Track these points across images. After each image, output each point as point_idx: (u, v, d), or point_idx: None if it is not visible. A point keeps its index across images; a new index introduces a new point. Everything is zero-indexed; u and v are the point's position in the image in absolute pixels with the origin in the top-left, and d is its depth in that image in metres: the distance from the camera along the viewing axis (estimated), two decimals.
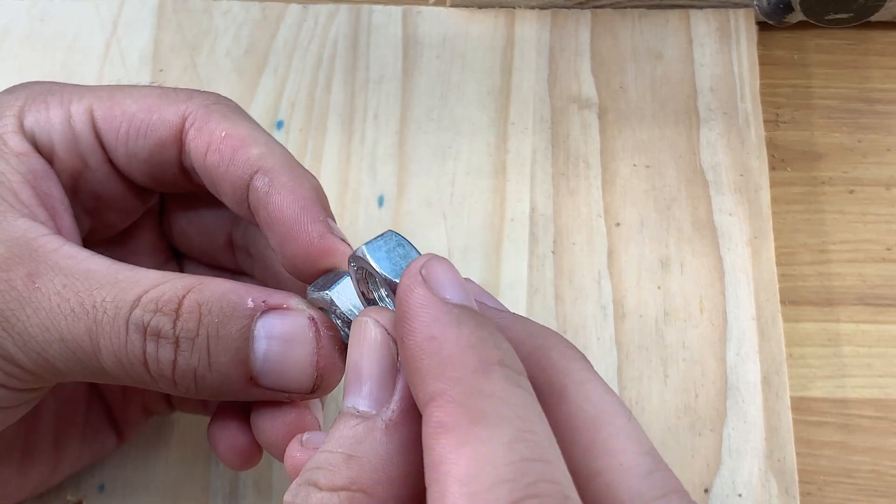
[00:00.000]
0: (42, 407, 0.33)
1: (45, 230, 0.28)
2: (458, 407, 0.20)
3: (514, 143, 0.44)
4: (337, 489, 0.22)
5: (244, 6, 0.47)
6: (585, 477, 0.22)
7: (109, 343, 0.26)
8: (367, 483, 0.23)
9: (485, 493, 0.19)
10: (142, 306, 0.27)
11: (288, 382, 0.27)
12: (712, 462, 0.38)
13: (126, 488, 0.37)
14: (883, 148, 0.45)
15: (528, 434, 0.20)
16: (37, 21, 0.47)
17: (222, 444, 0.31)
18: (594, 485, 0.22)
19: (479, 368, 0.21)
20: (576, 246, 0.42)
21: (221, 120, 0.30)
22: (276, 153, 0.30)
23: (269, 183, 0.29)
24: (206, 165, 0.29)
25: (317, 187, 0.30)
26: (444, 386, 0.21)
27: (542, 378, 0.24)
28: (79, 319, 0.26)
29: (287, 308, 0.28)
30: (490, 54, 0.46)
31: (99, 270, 0.27)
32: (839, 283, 0.43)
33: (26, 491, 0.33)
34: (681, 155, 0.44)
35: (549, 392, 0.23)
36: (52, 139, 0.30)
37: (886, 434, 0.40)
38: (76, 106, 0.30)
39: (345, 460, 0.23)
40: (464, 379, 0.21)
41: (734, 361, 0.40)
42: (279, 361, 0.27)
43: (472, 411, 0.20)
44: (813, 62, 0.48)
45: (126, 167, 0.31)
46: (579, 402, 0.23)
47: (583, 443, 0.23)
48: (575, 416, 0.23)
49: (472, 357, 0.21)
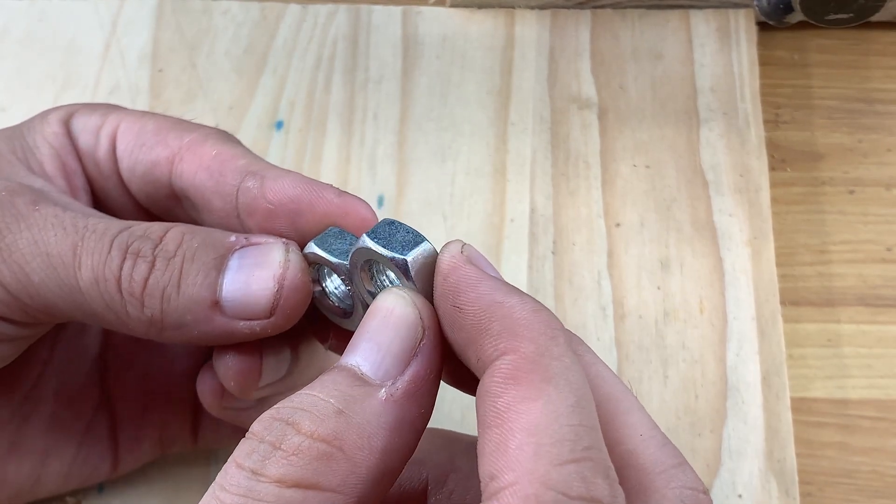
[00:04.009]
0: (40, 405, 0.33)
1: (60, 191, 0.31)
2: (530, 363, 0.22)
3: (514, 143, 0.44)
4: (318, 439, 0.22)
5: (243, 6, 0.47)
6: (610, 445, 0.23)
7: (90, 258, 0.27)
8: (348, 443, 0.22)
9: (549, 446, 0.21)
10: (129, 231, 0.28)
11: (249, 302, 0.27)
12: (712, 463, 0.38)
13: (126, 488, 0.37)
14: (883, 148, 0.45)
15: (585, 402, 0.22)
16: (36, 21, 0.47)
17: (206, 386, 0.31)
18: (618, 452, 0.24)
19: (546, 332, 0.22)
20: (576, 246, 0.42)
21: (215, 144, 0.31)
22: (262, 161, 0.31)
23: (260, 179, 0.29)
24: (196, 184, 0.30)
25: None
26: (517, 343, 0.22)
27: None
28: (67, 236, 0.28)
29: (266, 243, 0.28)
30: (490, 54, 0.46)
31: (98, 213, 0.29)
32: (839, 283, 0.43)
33: (1, 493, 0.33)
34: (681, 155, 0.44)
35: None
36: (79, 137, 0.32)
37: (887, 435, 0.40)
38: (112, 118, 0.32)
39: (335, 413, 0.23)
40: (536, 339, 0.22)
41: (734, 362, 0.40)
42: (245, 282, 0.27)
43: (543, 370, 0.22)
44: (813, 62, 0.48)
45: (128, 180, 0.32)
46: (596, 379, 0.25)
47: (603, 415, 0.24)
48: (594, 392, 0.24)
49: (540, 321, 0.23)
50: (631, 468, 0.24)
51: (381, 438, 0.23)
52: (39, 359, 0.33)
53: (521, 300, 0.23)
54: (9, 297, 0.28)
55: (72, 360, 0.34)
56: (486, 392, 0.22)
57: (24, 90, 0.45)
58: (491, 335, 0.23)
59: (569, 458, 0.21)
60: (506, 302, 0.23)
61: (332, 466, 0.22)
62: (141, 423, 0.35)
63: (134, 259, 0.27)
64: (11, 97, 0.45)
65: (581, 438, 0.21)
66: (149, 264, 0.27)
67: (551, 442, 0.21)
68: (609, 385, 0.25)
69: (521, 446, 0.21)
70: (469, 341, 0.23)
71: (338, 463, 0.22)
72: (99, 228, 0.28)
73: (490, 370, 0.22)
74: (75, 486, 0.35)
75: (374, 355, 0.24)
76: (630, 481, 0.24)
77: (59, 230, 0.28)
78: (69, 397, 0.34)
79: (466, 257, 0.24)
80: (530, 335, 0.22)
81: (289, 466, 0.22)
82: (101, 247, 0.27)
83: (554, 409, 0.21)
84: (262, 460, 0.22)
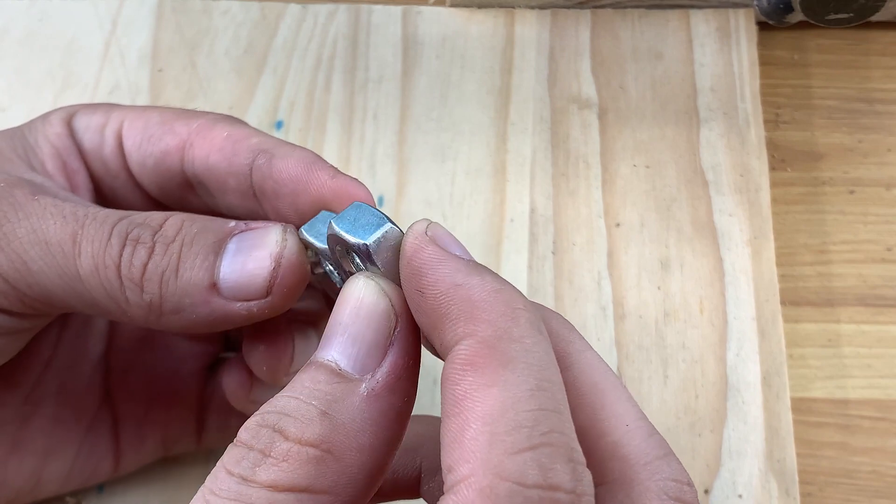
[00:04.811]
0: (42, 405, 0.33)
1: (61, 187, 0.31)
2: (487, 348, 0.21)
3: (514, 143, 0.44)
4: (306, 444, 0.22)
5: (243, 6, 0.47)
6: (594, 436, 0.23)
7: (90, 246, 0.27)
8: (337, 445, 0.22)
9: (504, 434, 0.20)
10: (129, 219, 0.28)
11: (246, 282, 0.27)
12: (712, 463, 0.38)
13: (126, 489, 0.37)
14: (883, 148, 0.45)
15: (547, 384, 0.21)
16: (35, 21, 0.47)
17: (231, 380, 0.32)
18: (603, 443, 0.24)
19: (506, 313, 0.22)
20: (576, 246, 0.42)
21: (225, 126, 0.31)
22: (274, 139, 0.31)
23: (270, 156, 0.29)
24: (210, 165, 0.30)
25: (316, 154, 0.31)
26: (474, 328, 0.22)
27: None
28: (67, 224, 0.27)
29: (265, 227, 0.28)
30: (490, 54, 0.46)
31: (97, 205, 0.29)
32: (839, 283, 0.43)
33: (1, 494, 0.33)
34: (681, 155, 0.44)
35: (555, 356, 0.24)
36: (83, 137, 0.32)
37: (887, 435, 0.40)
38: (115, 115, 0.32)
39: (319, 416, 0.22)
40: (494, 322, 0.22)
41: (734, 362, 0.40)
42: (242, 262, 0.27)
43: (500, 354, 0.21)
44: (813, 62, 0.48)
45: (138, 175, 0.32)
46: (584, 367, 0.25)
47: (590, 405, 0.24)
48: (580, 380, 0.24)
49: (500, 302, 0.22)
50: (616, 459, 0.23)
51: (368, 435, 0.23)
52: (41, 359, 0.33)
53: (481, 280, 0.22)
54: (7, 286, 0.28)
55: (74, 360, 0.34)
56: (445, 379, 0.22)
57: (24, 90, 0.45)
58: (450, 319, 0.22)
59: (525, 445, 0.20)
60: (465, 283, 0.22)
61: (322, 469, 0.22)
62: (143, 423, 0.35)
63: (134, 245, 0.27)
64: (11, 97, 0.45)
65: (539, 423, 0.20)
66: (148, 250, 0.27)
67: (506, 430, 0.20)
68: (597, 373, 0.25)
69: (476, 436, 0.20)
70: (431, 327, 0.23)
71: (328, 465, 0.22)
72: (99, 217, 0.28)
73: (450, 356, 0.22)
74: (76, 486, 0.35)
75: (350, 349, 0.24)
76: (614, 473, 0.23)
77: (58, 219, 0.28)
78: (71, 398, 0.34)
79: (430, 238, 0.23)
80: (488, 317, 0.22)
81: (280, 472, 0.22)
82: (101, 234, 0.27)
83: (511, 394, 0.20)
84: (252, 467, 0.22)
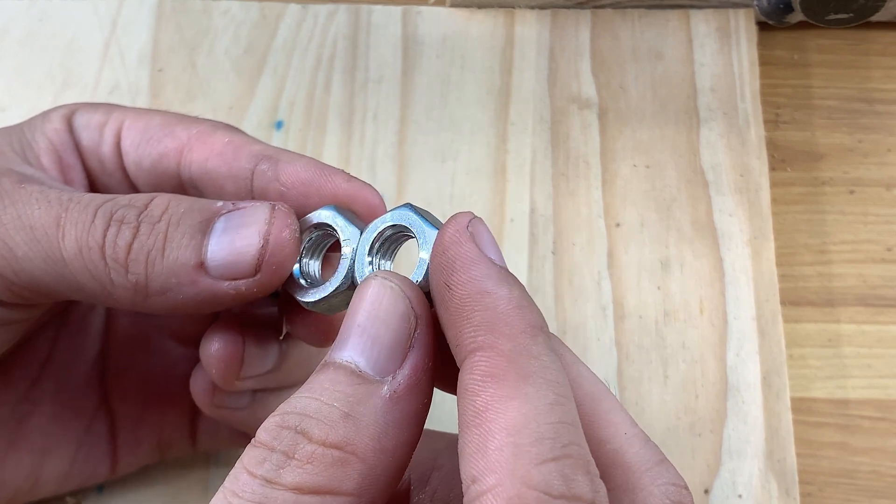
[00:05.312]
0: (39, 404, 0.33)
1: (53, 180, 0.30)
2: (508, 362, 0.22)
3: (514, 143, 0.44)
4: (330, 446, 0.22)
5: (243, 6, 0.47)
6: (595, 444, 0.24)
7: (73, 228, 0.27)
8: (361, 447, 0.22)
9: (528, 445, 0.21)
10: (114, 201, 0.28)
11: (234, 259, 0.27)
12: (712, 463, 0.38)
13: (125, 490, 0.37)
14: (883, 148, 0.45)
15: (564, 399, 0.22)
16: (36, 21, 0.47)
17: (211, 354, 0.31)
18: (604, 451, 0.24)
19: (527, 331, 0.22)
20: (576, 246, 0.42)
21: (226, 133, 0.31)
22: (276, 147, 0.31)
23: (274, 162, 0.29)
24: (208, 170, 0.30)
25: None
26: (495, 340, 0.22)
27: None
28: (51, 208, 0.27)
29: (253, 205, 0.28)
30: (490, 54, 0.46)
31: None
32: (839, 283, 0.43)
33: (0, 492, 0.33)
34: (681, 155, 0.44)
35: None
36: (82, 134, 0.32)
37: (887, 435, 0.40)
38: (116, 115, 0.32)
39: (342, 417, 0.22)
40: (515, 337, 0.22)
41: (734, 362, 0.40)
42: (230, 240, 0.27)
43: (520, 368, 0.22)
44: (813, 62, 0.48)
45: (134, 175, 0.32)
46: (577, 379, 0.25)
47: (587, 414, 0.24)
48: (576, 391, 0.25)
49: (522, 318, 0.22)
50: (618, 466, 0.24)
51: (391, 437, 0.23)
52: (39, 357, 0.33)
53: (509, 293, 0.23)
54: None
55: (71, 360, 0.34)
56: (464, 389, 0.22)
57: (24, 90, 0.45)
58: (472, 324, 0.22)
59: (549, 456, 0.21)
60: (494, 292, 0.23)
61: (346, 471, 0.22)
62: (139, 424, 0.35)
63: (118, 226, 0.27)
64: (11, 97, 0.45)
65: (560, 436, 0.21)
66: (133, 230, 0.27)
67: (530, 441, 0.21)
68: (590, 384, 0.25)
69: (501, 447, 0.21)
70: (451, 323, 0.23)
71: (353, 467, 0.22)
72: (83, 200, 0.28)
73: (468, 365, 0.22)
74: (74, 486, 0.35)
75: (369, 350, 0.24)
76: (617, 479, 0.24)
77: (42, 204, 0.27)
78: (68, 397, 0.34)
79: (470, 233, 0.24)
80: (509, 332, 0.22)
81: (305, 475, 0.22)
82: (84, 217, 0.27)
83: (532, 407, 0.21)
84: (276, 469, 0.22)
